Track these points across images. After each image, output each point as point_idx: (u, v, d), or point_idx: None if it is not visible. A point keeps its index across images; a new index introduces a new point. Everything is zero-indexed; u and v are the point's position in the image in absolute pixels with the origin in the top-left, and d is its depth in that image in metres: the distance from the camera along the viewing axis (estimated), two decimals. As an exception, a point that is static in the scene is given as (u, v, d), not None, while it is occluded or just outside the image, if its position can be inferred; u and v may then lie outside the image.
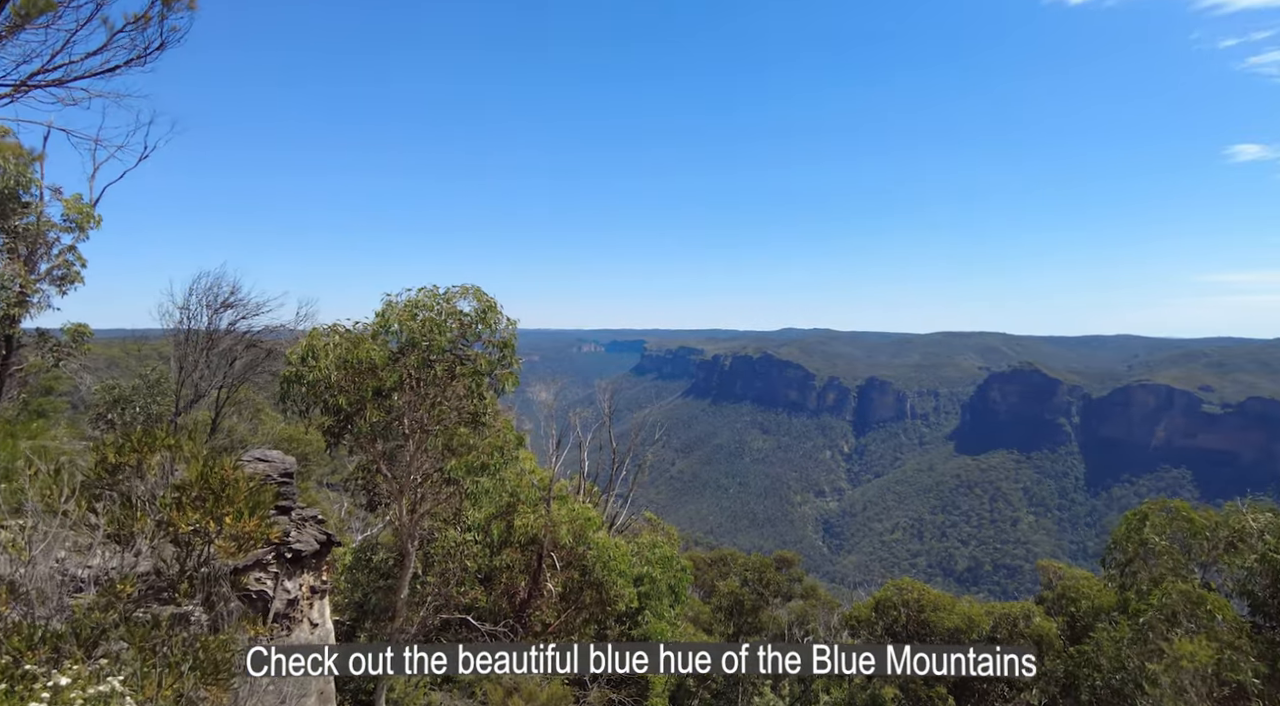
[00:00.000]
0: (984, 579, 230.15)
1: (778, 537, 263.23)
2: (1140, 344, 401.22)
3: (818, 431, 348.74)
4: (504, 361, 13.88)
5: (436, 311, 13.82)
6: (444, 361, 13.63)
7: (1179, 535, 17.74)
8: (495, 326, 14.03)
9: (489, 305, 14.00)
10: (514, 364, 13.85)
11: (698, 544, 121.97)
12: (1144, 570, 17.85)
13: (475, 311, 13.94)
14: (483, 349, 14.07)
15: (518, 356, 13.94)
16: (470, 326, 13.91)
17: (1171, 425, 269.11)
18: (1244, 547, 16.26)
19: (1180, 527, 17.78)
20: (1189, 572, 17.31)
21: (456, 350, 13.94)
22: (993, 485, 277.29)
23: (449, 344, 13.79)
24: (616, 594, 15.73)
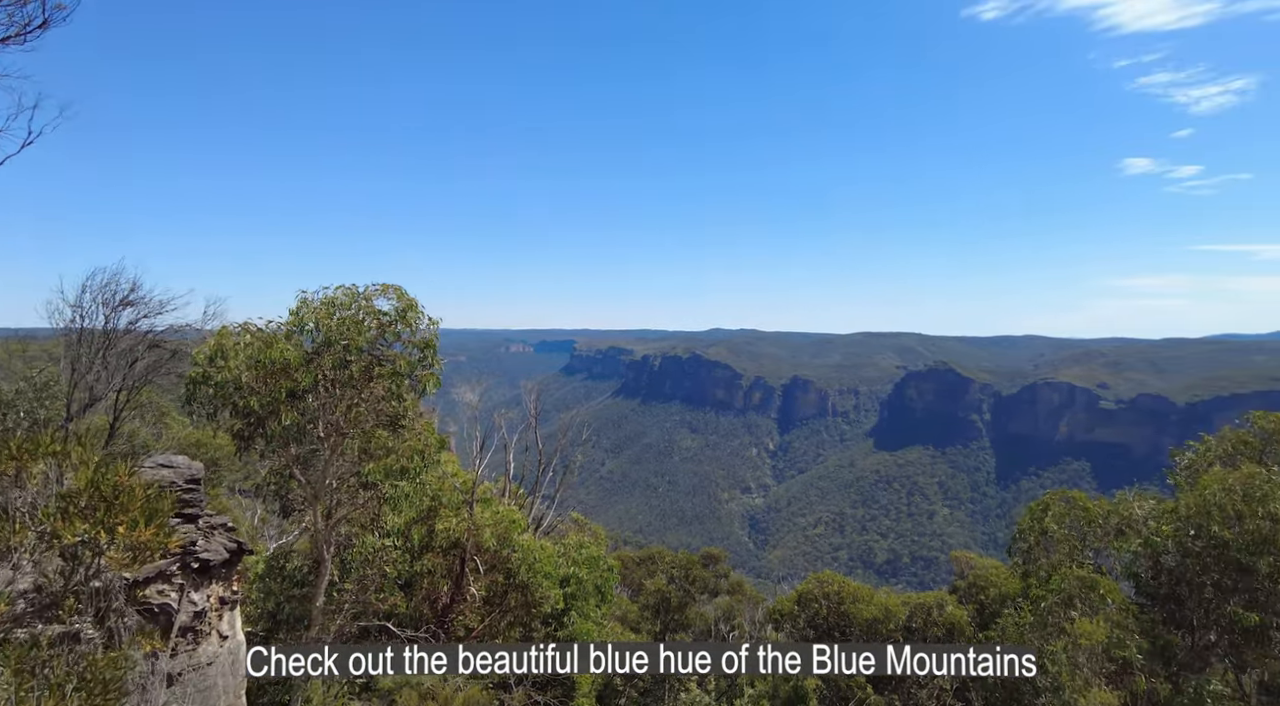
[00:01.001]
0: (902, 570, 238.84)
1: (705, 535, 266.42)
2: (1046, 344, 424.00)
3: (744, 429, 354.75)
4: (425, 362, 13.57)
5: (355, 310, 13.41)
6: (362, 362, 13.23)
7: (1076, 524, 18.86)
8: (416, 326, 13.71)
9: (409, 304, 13.67)
10: (435, 365, 13.57)
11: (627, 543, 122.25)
12: (1044, 557, 18.90)
13: (395, 311, 13.59)
14: (403, 349, 13.73)
15: (439, 357, 13.66)
16: (390, 326, 13.55)
17: (1073, 420, 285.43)
18: (1130, 533, 17.44)
19: (1077, 516, 18.90)
20: (1084, 558, 18.42)
21: (375, 350, 13.56)
22: (910, 480, 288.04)
23: (367, 344, 13.41)
24: (542, 596, 15.61)
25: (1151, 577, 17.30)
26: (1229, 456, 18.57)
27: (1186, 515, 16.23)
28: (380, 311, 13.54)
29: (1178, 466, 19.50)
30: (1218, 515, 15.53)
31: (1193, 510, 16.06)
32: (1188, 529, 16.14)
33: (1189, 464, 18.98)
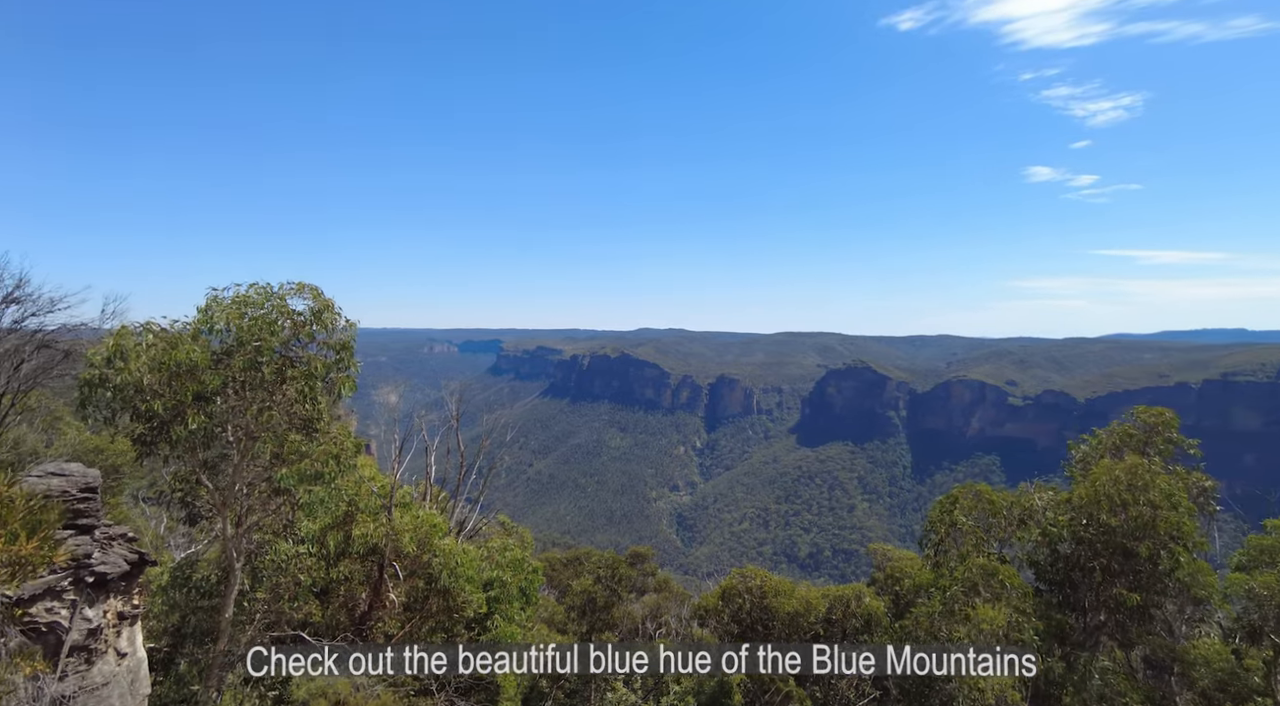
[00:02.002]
0: (824, 564, 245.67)
1: (634, 533, 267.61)
2: (958, 343, 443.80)
3: (672, 428, 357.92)
4: (341, 364, 13.21)
5: (268, 309, 12.94)
6: (275, 363, 12.78)
7: (982, 515, 19.89)
8: (333, 327, 13.33)
9: (326, 305, 13.28)
10: (352, 367, 13.22)
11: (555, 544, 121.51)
12: (954, 548, 19.86)
13: (311, 311, 13.18)
14: (318, 351, 13.32)
15: (356, 359, 13.32)
16: (305, 326, 13.13)
17: (984, 416, 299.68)
18: (1031, 523, 18.54)
19: (983, 508, 19.94)
20: (989, 548, 19.46)
21: (289, 351, 13.12)
22: (831, 475, 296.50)
23: (281, 345, 12.96)
24: (464, 600, 15.41)
25: (1049, 564, 18.43)
26: (1117, 449, 19.94)
27: (1079, 505, 17.35)
28: (295, 311, 13.11)
29: (1073, 459, 20.80)
30: (1106, 504, 16.66)
31: (1085, 500, 17.18)
32: (1080, 517, 17.26)
33: (1082, 457, 20.28)
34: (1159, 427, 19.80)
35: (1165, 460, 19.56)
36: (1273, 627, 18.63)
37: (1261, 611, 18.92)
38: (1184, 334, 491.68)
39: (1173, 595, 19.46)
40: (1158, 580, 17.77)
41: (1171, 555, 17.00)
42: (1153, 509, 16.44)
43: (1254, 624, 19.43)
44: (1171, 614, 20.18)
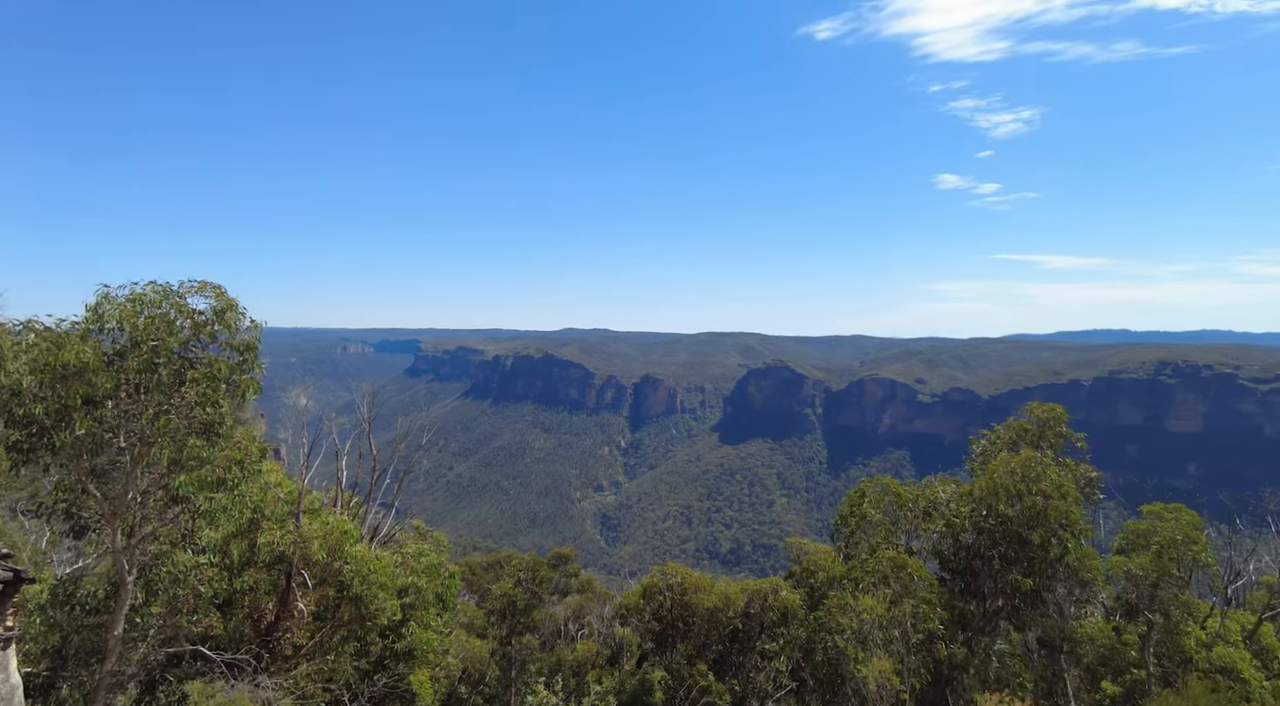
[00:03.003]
0: (745, 559, 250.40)
1: (558, 535, 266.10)
2: (871, 343, 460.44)
3: (597, 428, 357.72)
4: (245, 365, 12.64)
5: (166, 309, 12.25)
6: (173, 365, 12.12)
7: (890, 508, 20.73)
8: (236, 327, 12.74)
9: (229, 304, 12.68)
10: (257, 368, 12.68)
11: (476, 549, 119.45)
12: (863, 540, 20.62)
13: (213, 310, 12.56)
14: (221, 352, 12.71)
15: (261, 361, 12.77)
16: (206, 326, 12.51)
17: (895, 413, 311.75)
18: (935, 515, 19.44)
19: (890, 501, 20.79)
20: (897, 540, 20.29)
21: (189, 353, 12.46)
22: (751, 471, 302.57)
23: (180, 345, 12.30)
24: (378, 608, 14.98)
25: (952, 554, 19.38)
26: (1013, 443, 21.14)
27: (979, 496, 18.31)
28: (196, 311, 12.48)
29: (973, 454, 21.94)
30: (1003, 495, 17.65)
31: (984, 492, 18.15)
32: (980, 508, 18.22)
33: (982, 451, 21.41)
34: (1050, 422, 21.12)
35: (1056, 453, 20.88)
36: (1147, 605, 20.16)
37: (1138, 590, 20.46)
38: (1076, 334, 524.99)
39: (1063, 579, 20.78)
40: (1049, 566, 18.93)
41: (1061, 542, 18.15)
42: (1044, 499, 17.53)
43: (1131, 602, 20.97)
44: (1061, 597, 21.55)
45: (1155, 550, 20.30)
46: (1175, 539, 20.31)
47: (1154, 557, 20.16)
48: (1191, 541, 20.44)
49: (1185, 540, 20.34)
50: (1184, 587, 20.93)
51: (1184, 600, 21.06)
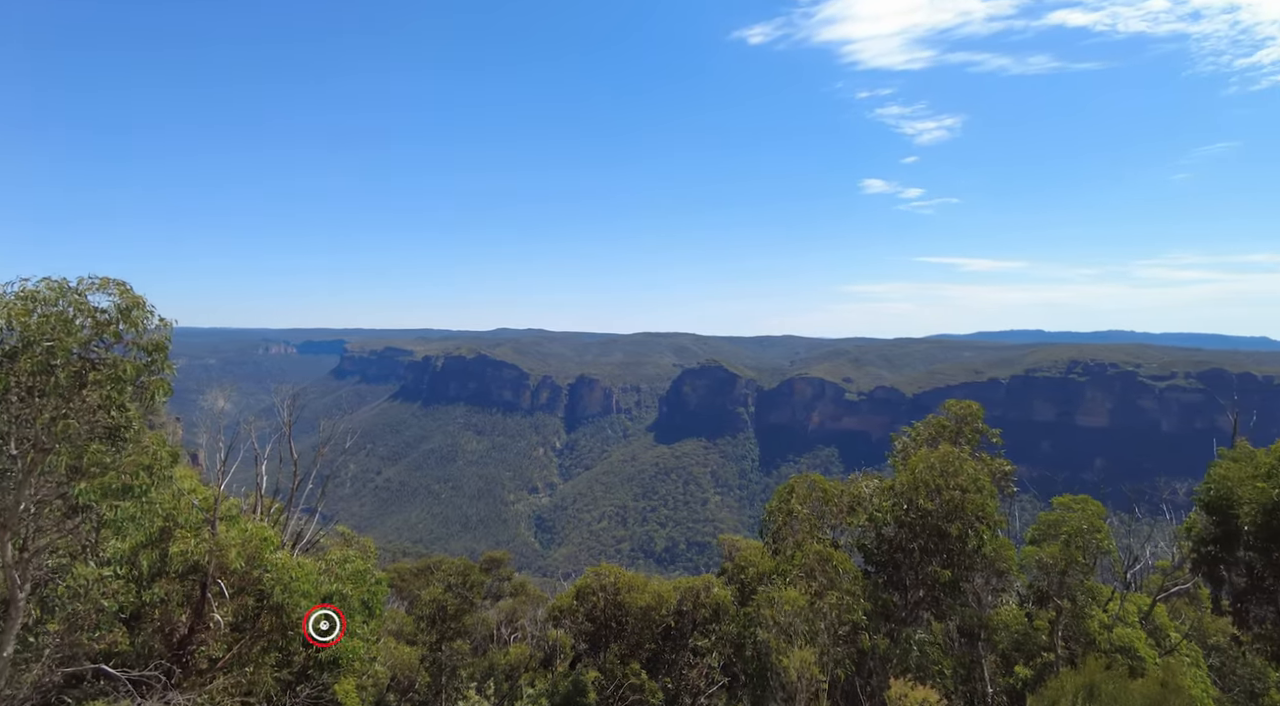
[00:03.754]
0: (680, 557, 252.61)
1: (491, 538, 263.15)
2: (801, 343, 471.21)
3: (532, 429, 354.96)
4: (154, 366, 12.00)
5: (63, 307, 11.53)
6: (72, 366, 11.42)
7: (816, 503, 21.26)
8: (144, 326, 12.08)
9: (134, 301, 12.01)
10: (166, 369, 12.05)
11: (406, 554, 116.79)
12: (790, 535, 21.08)
13: (117, 308, 11.87)
14: (127, 352, 12.04)
15: (172, 362, 12.16)
16: (109, 325, 11.81)
17: (824, 411, 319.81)
18: (859, 510, 20.04)
19: (817, 497, 21.32)
20: (823, 534, 20.82)
21: (90, 353, 11.76)
22: (686, 470, 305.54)
23: (80, 346, 11.59)
24: (300, 616, 14.48)
25: (875, 547, 20.00)
26: (933, 439, 21.96)
27: (900, 491, 18.96)
28: (98, 309, 11.78)
29: (895, 450, 22.68)
30: (923, 489, 18.32)
31: (905, 486, 18.79)
32: (901, 503, 18.86)
33: (903, 447, 22.16)
34: (967, 419, 22.05)
35: (973, 448, 21.80)
36: (1056, 591, 21.24)
37: (1048, 578, 21.52)
38: (995, 334, 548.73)
39: (980, 569, 21.70)
40: (967, 557, 19.74)
41: (977, 534, 18.96)
42: (961, 492, 18.29)
43: (1042, 589, 22.06)
44: (979, 586, 22.50)
45: (1064, 539, 21.38)
46: (1082, 528, 21.43)
47: (1063, 546, 21.23)
48: (1096, 530, 21.60)
49: (1090, 529, 21.48)
50: (1089, 574, 22.09)
51: (1089, 585, 22.23)
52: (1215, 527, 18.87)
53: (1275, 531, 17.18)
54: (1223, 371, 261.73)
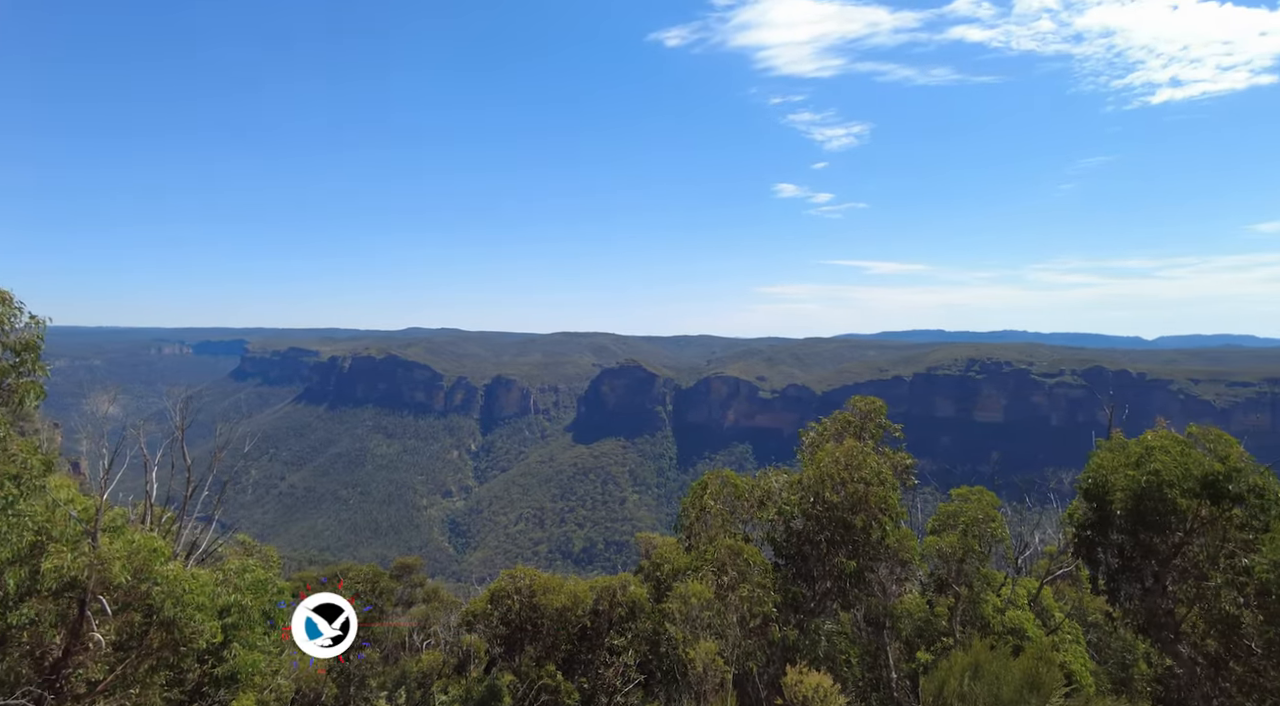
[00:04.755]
0: (598, 557, 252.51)
1: (403, 544, 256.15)
2: (717, 343, 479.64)
3: (445, 432, 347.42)
4: (23, 368, 11.14)
5: (-84, 303, 10.55)
6: (-73, 369, 10.45)
7: (728, 499, 21.69)
8: (12, 325, 11.22)
9: (1, 298, 11.13)
10: (38, 370, 11.22)
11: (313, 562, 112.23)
12: (703, 531, 21.43)
13: (-21, 305, 10.96)
14: (-8, 352, 11.12)
15: (45, 362, 11.31)
16: (-31, 324, 10.90)
17: (739, 409, 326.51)
18: (769, 504, 20.57)
19: (729, 492, 21.76)
20: (735, 528, 21.26)
21: (-52, 354, 10.80)
22: (604, 470, 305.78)
23: (-64, 346, 10.63)
24: (194, 631, 13.65)
25: (784, 540, 20.56)
26: (839, 434, 22.75)
27: (808, 485, 19.57)
28: (-45, 306, 10.85)
29: (804, 445, 23.38)
30: (829, 483, 18.98)
31: (812, 480, 19.42)
32: (808, 496, 19.48)
33: (811, 442, 22.88)
34: (871, 415, 22.96)
35: (876, 443, 22.71)
36: (954, 578, 22.39)
37: (947, 566, 22.66)
38: (899, 334, 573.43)
39: (884, 559, 22.60)
40: (871, 547, 20.54)
41: (880, 525, 19.77)
42: (865, 485, 19.04)
43: (942, 577, 23.20)
44: (884, 576, 23.43)
45: (961, 529, 22.53)
46: (977, 518, 22.64)
47: (960, 536, 22.37)
48: (990, 519, 22.86)
49: (985, 518, 22.73)
50: (984, 561, 23.35)
51: (984, 572, 23.51)
52: (1093, 513, 20.30)
53: (1143, 515, 18.61)
54: (1103, 368, 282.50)
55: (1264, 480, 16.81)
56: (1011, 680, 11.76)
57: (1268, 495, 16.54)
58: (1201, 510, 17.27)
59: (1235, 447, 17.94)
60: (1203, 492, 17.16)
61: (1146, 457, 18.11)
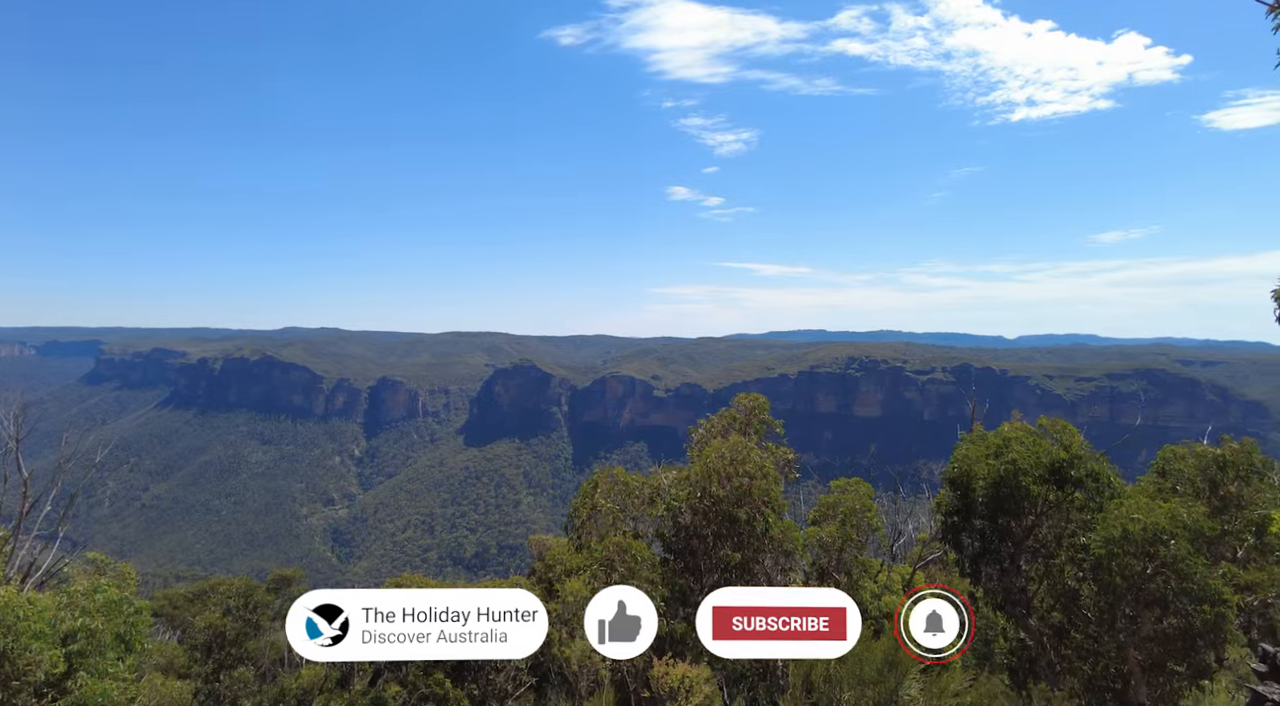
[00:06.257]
0: (490, 561, 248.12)
1: (282, 555, 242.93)
2: (613, 343, 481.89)
3: (327, 437, 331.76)
4: None
5: None
6: None
7: (619, 496, 21.89)
8: None
9: None
10: None
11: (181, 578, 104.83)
12: (594, 529, 21.53)
13: None
14: None
15: None
16: None
17: (634, 408, 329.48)
18: (659, 500, 20.92)
19: (620, 490, 21.96)
20: (625, 526, 21.47)
21: None
22: (498, 473, 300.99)
23: None
24: (30, 661, 12.41)
25: (673, 535, 20.95)
26: (725, 430, 23.40)
27: (695, 480, 20.04)
28: None
29: (693, 441, 23.89)
30: (715, 478, 19.51)
31: (699, 475, 19.90)
32: (696, 491, 19.95)
33: (699, 438, 23.42)
34: (755, 411, 23.77)
35: (760, 438, 23.51)
36: (835, 567, 23.50)
37: (827, 555, 23.75)
38: (785, 334, 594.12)
39: (768, 551, 23.42)
40: (755, 539, 21.23)
41: (764, 517, 20.47)
42: (749, 479, 19.69)
43: (823, 566, 24.29)
44: (768, 567, 24.27)
45: (840, 519, 23.65)
46: (855, 508, 23.83)
47: (839, 525, 23.48)
48: (867, 509, 24.11)
49: (863, 509, 23.95)
50: (862, 549, 24.60)
51: (862, 560, 24.77)
52: (957, 501, 21.74)
53: (1001, 501, 20.13)
54: (970, 366, 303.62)
55: (1099, 466, 18.56)
56: (873, 660, 12.53)
57: (1102, 479, 18.28)
58: (1049, 495, 18.87)
59: (1077, 437, 19.70)
60: (1050, 479, 18.76)
61: (1004, 448, 19.61)
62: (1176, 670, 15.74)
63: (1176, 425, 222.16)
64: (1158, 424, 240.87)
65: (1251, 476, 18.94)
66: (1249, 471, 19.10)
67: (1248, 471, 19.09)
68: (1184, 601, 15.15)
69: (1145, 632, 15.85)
